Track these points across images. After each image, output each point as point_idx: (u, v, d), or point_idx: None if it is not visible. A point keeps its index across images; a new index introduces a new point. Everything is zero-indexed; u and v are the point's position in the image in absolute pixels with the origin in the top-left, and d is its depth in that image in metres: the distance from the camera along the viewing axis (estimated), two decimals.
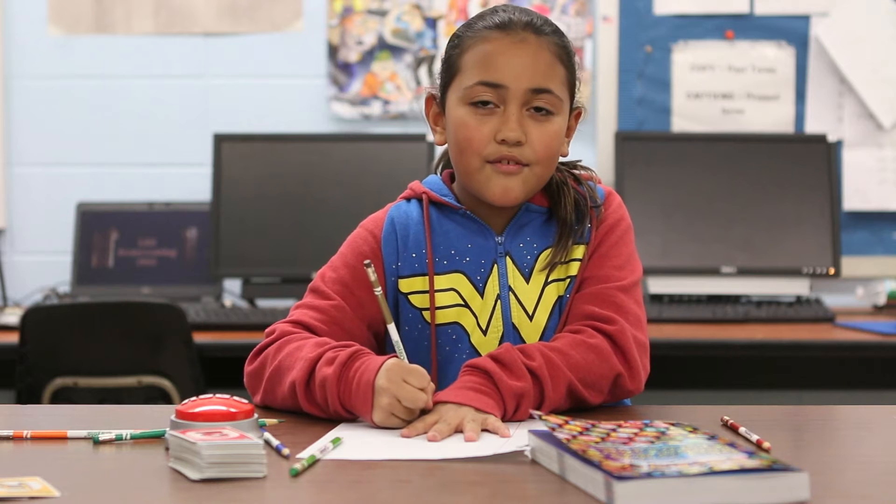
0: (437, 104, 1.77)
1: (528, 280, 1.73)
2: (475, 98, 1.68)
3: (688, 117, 3.71)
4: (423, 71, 3.73)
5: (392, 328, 1.64)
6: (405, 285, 1.74)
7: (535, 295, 1.73)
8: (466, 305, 1.73)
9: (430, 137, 3.47)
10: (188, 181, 3.71)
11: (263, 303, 3.51)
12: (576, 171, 1.80)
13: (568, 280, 1.73)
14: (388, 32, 3.74)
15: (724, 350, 3.09)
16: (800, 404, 3.38)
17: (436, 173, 1.84)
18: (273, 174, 3.50)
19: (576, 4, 3.70)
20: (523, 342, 1.71)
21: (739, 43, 3.71)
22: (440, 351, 1.73)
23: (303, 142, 3.55)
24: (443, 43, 3.73)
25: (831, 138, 3.57)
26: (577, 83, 1.74)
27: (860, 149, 3.68)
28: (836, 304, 3.51)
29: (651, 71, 3.71)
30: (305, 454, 1.38)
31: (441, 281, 1.73)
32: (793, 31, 3.69)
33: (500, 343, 1.71)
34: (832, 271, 3.46)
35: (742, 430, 1.51)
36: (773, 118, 3.70)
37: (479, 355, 1.71)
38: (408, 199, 1.80)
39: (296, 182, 3.49)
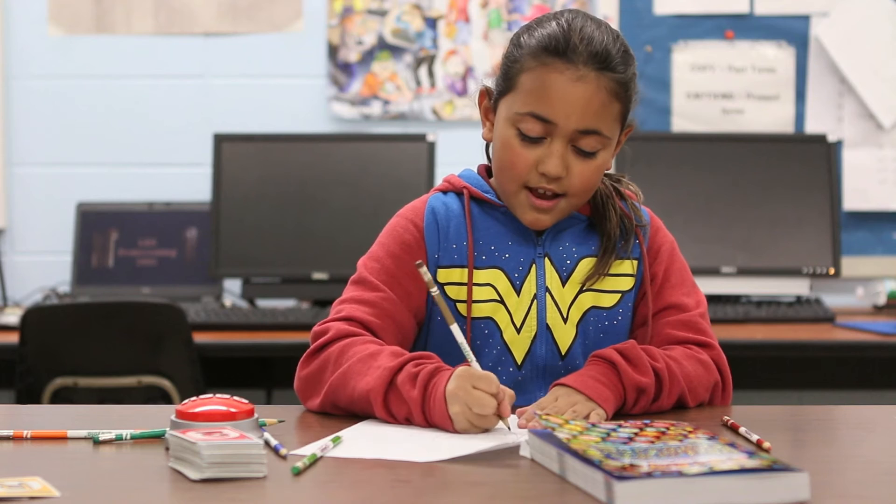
0: (489, 100, 1.75)
1: (564, 283, 1.74)
2: (523, 127, 1.67)
3: (688, 117, 3.71)
4: (423, 71, 3.73)
5: (455, 329, 1.59)
6: (443, 275, 1.74)
7: (569, 298, 1.74)
8: (502, 302, 1.73)
9: (430, 137, 3.47)
10: (188, 181, 3.71)
11: (263, 303, 3.51)
12: (620, 188, 1.81)
13: (619, 295, 1.76)
14: (388, 32, 3.74)
15: (724, 350, 3.07)
16: (800, 404, 3.39)
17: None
18: (273, 174, 3.50)
19: (575, 4, 3.70)
20: (555, 343, 1.73)
21: (739, 43, 3.71)
22: (471, 345, 1.73)
23: (303, 142, 3.54)
24: (443, 43, 3.73)
25: (831, 138, 3.56)
26: (633, 106, 1.72)
27: (860, 149, 3.68)
28: (836, 304, 3.51)
29: (651, 71, 3.70)
30: (306, 452, 1.38)
31: (479, 275, 1.73)
32: (793, 31, 3.69)
33: (533, 343, 1.73)
34: (832, 271, 3.46)
35: (742, 430, 1.52)
36: (773, 118, 3.70)
37: (510, 352, 1.73)
38: (444, 192, 1.79)
39: (296, 182, 3.49)
